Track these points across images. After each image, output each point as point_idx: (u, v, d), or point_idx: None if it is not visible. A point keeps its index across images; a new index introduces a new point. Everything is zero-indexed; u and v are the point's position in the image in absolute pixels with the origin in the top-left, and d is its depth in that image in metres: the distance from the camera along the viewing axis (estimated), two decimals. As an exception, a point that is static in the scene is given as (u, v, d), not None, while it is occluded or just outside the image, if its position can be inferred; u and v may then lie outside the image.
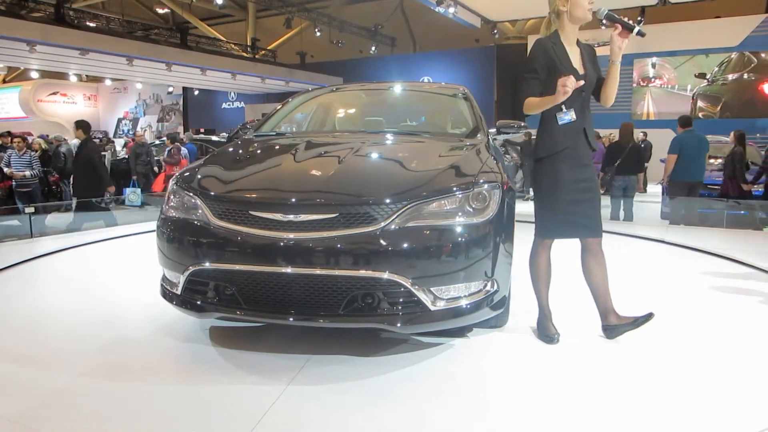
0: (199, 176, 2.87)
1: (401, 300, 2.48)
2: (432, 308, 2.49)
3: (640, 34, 2.71)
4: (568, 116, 2.79)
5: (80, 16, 17.11)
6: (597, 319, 3.01)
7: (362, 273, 2.41)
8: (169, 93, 27.17)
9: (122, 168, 11.20)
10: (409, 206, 2.48)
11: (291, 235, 2.44)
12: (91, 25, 17.01)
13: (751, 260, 4.89)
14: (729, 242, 5.80)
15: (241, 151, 3.38)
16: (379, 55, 24.51)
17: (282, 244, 2.43)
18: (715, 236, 6.20)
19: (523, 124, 3.92)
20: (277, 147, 3.43)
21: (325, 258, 2.42)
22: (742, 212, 7.39)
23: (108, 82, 27.95)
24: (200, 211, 2.67)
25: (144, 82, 24.69)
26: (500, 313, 2.86)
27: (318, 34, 22.40)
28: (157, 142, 12.16)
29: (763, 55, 16.28)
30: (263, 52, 22.93)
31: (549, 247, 3.00)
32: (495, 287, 2.67)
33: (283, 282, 2.47)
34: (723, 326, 3.29)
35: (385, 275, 2.40)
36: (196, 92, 26.38)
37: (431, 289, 2.47)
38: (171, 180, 2.99)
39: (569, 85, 2.61)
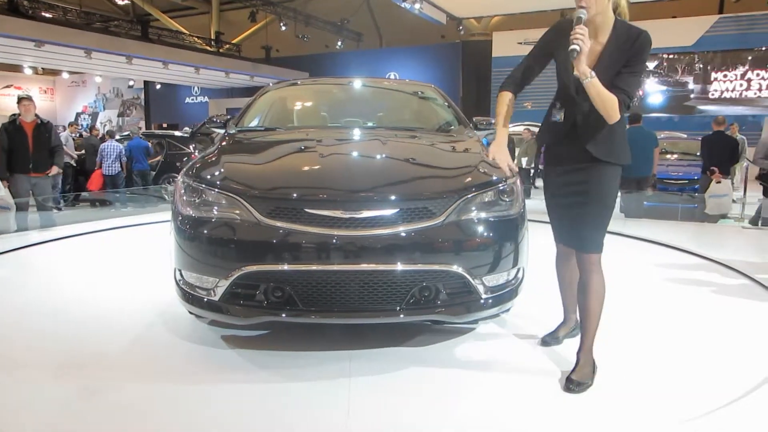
0: (226, 173, 2.74)
1: (457, 291, 2.56)
2: (483, 297, 2.60)
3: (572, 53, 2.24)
4: (557, 116, 2.54)
5: (35, 6, 16.51)
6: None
7: (426, 267, 2.47)
8: (130, 87, 26.54)
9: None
10: (461, 200, 2.57)
11: (353, 233, 2.42)
12: (47, 15, 16.45)
13: (703, 251, 5.09)
14: (683, 234, 6.02)
15: (254, 147, 3.25)
16: (345, 50, 24.42)
17: (344, 241, 2.40)
18: (669, 228, 6.41)
19: (493, 121, 3.98)
20: (293, 142, 3.34)
21: (389, 254, 2.42)
22: (695, 206, 7.66)
23: (65, 75, 27.14)
24: (240, 210, 2.53)
25: (104, 75, 24.07)
26: None
27: (283, 28, 22.20)
28: (118, 136, 11.84)
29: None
30: (227, 46, 22.58)
31: (561, 251, 2.75)
32: (523, 274, 2.80)
33: (345, 280, 2.43)
34: (679, 316, 3.43)
35: (448, 268, 2.49)
36: (158, 86, 25.83)
37: (482, 278, 2.57)
38: (183, 176, 2.82)
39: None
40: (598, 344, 2.79)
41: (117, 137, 10.82)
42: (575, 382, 2.39)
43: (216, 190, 2.63)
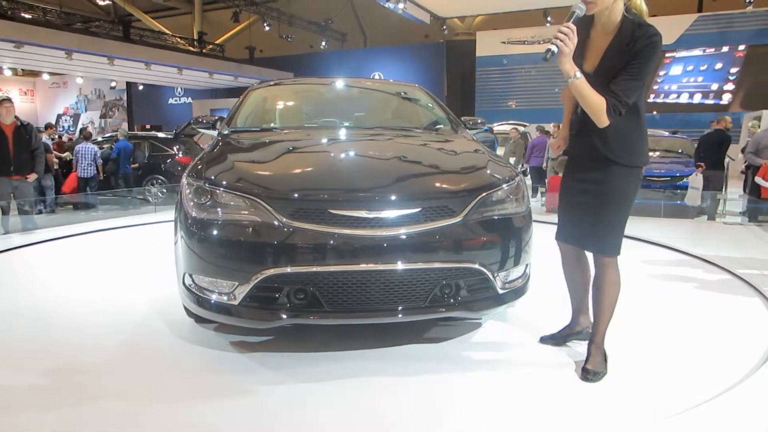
0: (240, 175, 2.69)
1: (477, 287, 2.62)
2: (500, 292, 2.66)
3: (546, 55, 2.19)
4: (579, 109, 2.42)
5: (15, 6, 16.29)
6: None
7: (450, 264, 2.52)
8: (112, 88, 26.24)
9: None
10: (478, 198, 2.63)
11: (378, 232, 2.43)
12: (27, 16, 16.24)
13: (685, 247, 5.16)
14: (666, 231, 6.09)
15: (259, 148, 3.16)
16: (329, 50, 24.38)
17: (370, 241, 2.41)
18: (653, 225, 6.49)
19: (480, 121, 4.04)
20: (299, 142, 3.31)
21: (414, 252, 2.45)
22: (678, 202, 7.76)
23: (46, 77, 26.80)
24: (260, 212, 2.48)
25: (85, 76, 23.76)
26: None
27: (267, 28, 22.10)
28: (100, 138, 11.70)
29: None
30: (210, 46, 22.42)
31: (565, 252, 2.71)
32: (530, 270, 2.88)
33: (371, 280, 2.44)
34: (664, 312, 3.47)
35: (470, 264, 2.54)
36: (141, 87, 25.58)
37: (498, 274, 2.63)
38: (191, 179, 2.74)
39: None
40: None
41: (99, 138, 10.69)
42: (591, 371, 2.46)
43: (233, 192, 2.58)
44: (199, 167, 2.84)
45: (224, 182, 2.64)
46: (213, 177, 2.69)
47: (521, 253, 2.73)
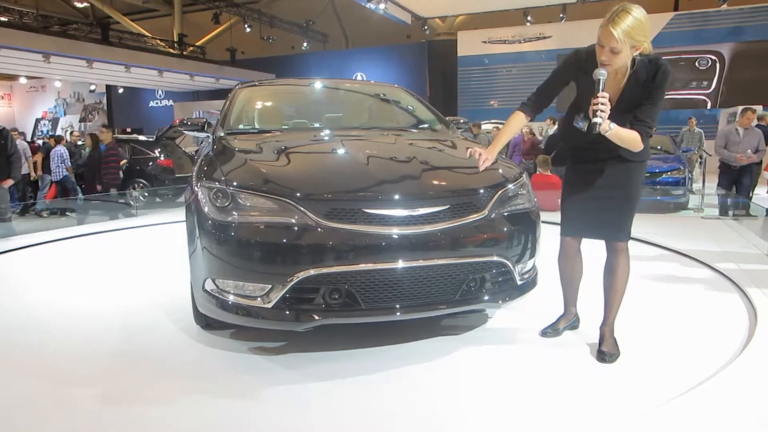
0: (267, 176, 2.63)
1: (500, 279, 2.74)
2: (519, 283, 2.79)
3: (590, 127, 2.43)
4: (579, 123, 2.58)
5: (-11, 10, 16.06)
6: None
7: (479, 258, 2.63)
8: (92, 91, 25.92)
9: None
10: (498, 195, 2.75)
11: (411, 230, 2.49)
12: (3, 19, 16.00)
13: (664, 242, 5.24)
14: (645, 226, 6.17)
15: (271, 149, 3.05)
16: (311, 51, 24.32)
17: (404, 238, 2.46)
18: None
19: (463, 121, 4.10)
20: (313, 142, 3.35)
21: (446, 248, 2.53)
22: (658, 198, 7.86)
23: (23, 80, 26.32)
24: (293, 213, 2.46)
25: (63, 79, 23.45)
26: None
27: (248, 29, 21.99)
28: (80, 142, 11.55)
29: (674, 50, 17.29)
30: (191, 48, 22.24)
31: (570, 247, 2.86)
32: (536, 262, 2.99)
33: (406, 277, 2.49)
34: (642, 306, 3.51)
35: (495, 258, 2.66)
36: (121, 90, 25.31)
37: (517, 266, 2.75)
38: (209, 182, 2.66)
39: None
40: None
41: (79, 142, 10.54)
42: (607, 353, 2.65)
43: (262, 194, 2.54)
44: (212, 170, 2.76)
45: (251, 185, 2.58)
46: (237, 179, 2.63)
47: (534, 244, 2.86)
